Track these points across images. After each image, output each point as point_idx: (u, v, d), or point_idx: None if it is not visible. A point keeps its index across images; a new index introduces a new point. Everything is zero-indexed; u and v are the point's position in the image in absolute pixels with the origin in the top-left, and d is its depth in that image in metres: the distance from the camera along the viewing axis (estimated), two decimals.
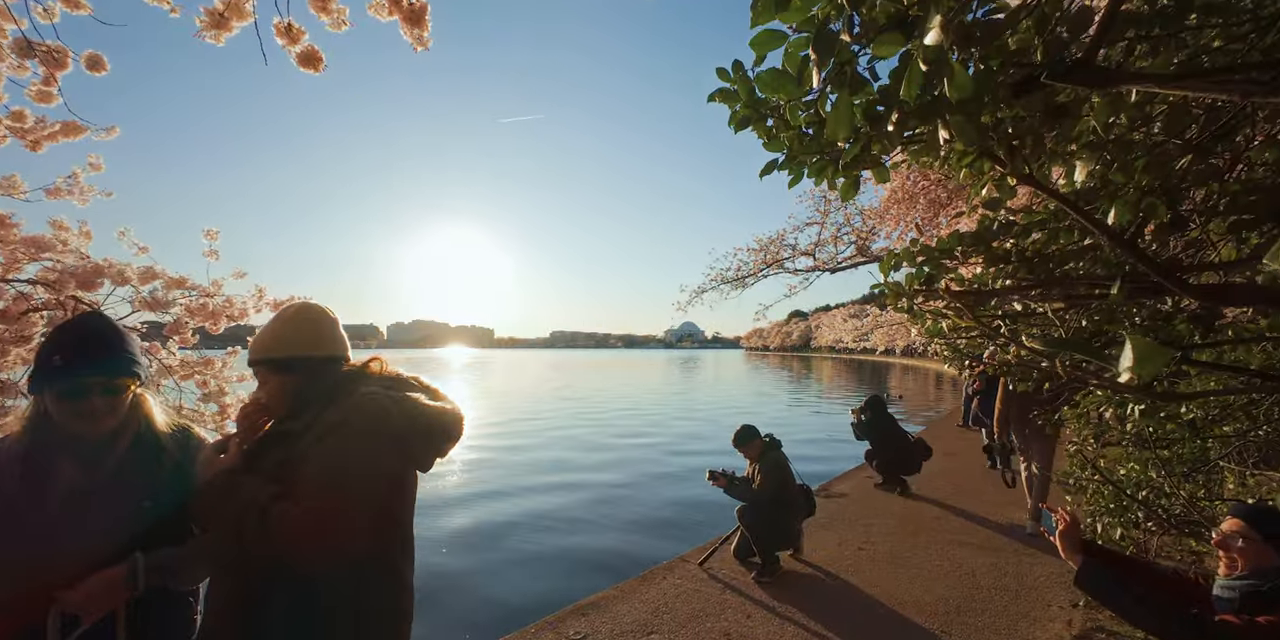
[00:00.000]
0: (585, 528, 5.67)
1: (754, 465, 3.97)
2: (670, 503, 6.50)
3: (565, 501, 6.62)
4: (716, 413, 16.19)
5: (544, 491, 7.09)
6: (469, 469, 8.65)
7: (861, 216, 8.72)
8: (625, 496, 6.80)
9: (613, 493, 6.97)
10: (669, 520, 5.85)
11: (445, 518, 6.10)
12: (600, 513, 6.18)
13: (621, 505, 6.44)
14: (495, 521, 5.96)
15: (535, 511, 6.24)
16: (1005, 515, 5.17)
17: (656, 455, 9.26)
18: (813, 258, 8.69)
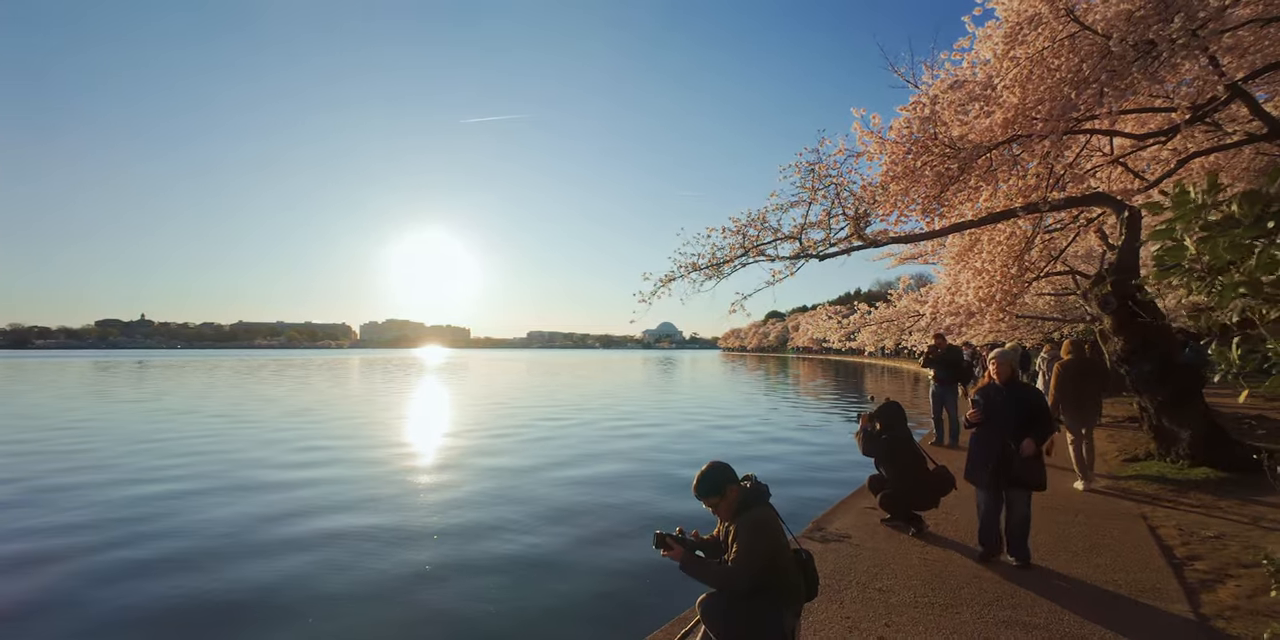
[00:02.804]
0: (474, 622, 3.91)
1: (727, 525, 2.62)
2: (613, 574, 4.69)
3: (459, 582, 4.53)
4: (690, 419, 14.86)
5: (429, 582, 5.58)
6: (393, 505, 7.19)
7: (853, 197, 7.47)
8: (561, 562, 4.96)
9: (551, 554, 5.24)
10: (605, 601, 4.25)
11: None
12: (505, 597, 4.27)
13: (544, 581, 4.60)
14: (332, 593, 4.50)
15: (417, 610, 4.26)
16: (1057, 563, 3.93)
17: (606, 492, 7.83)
18: (798, 242, 7.39)
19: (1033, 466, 3.82)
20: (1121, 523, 4.87)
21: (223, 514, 6.56)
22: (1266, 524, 4.76)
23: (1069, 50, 6.60)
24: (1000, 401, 3.86)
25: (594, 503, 6.84)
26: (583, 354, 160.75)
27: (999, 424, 3.84)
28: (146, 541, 5.60)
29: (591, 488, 7.51)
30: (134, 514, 6.60)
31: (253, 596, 4.33)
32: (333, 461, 9.47)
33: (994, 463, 3.83)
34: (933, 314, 9.00)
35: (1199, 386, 6.31)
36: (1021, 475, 3.81)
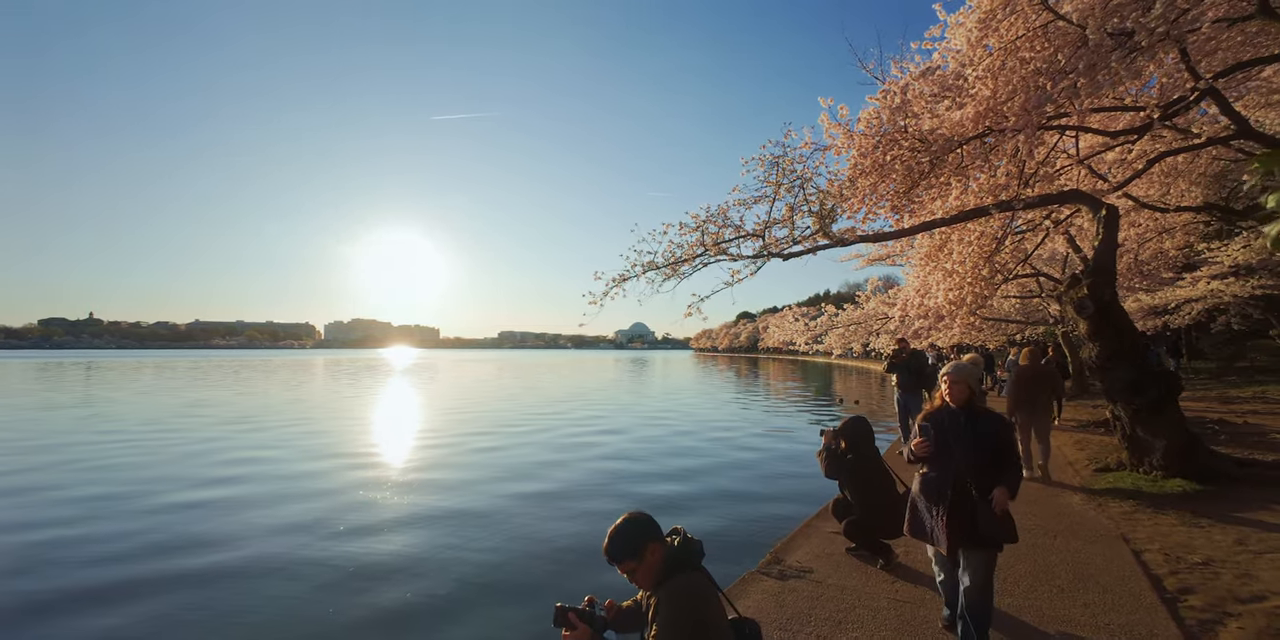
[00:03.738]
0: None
1: (648, 595, 2.03)
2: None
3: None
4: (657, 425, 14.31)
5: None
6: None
7: (819, 192, 7.00)
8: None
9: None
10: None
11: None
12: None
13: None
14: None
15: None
16: (1042, 601, 3.47)
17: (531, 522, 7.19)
18: (761, 240, 6.89)
19: (1004, 518, 2.87)
20: (1103, 547, 4.47)
21: (73, 553, 5.54)
22: (1253, 547, 4.41)
23: (1043, 40, 6.24)
24: (955, 430, 2.92)
25: (523, 543, 5.78)
26: (554, 354, 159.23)
27: (953, 461, 2.90)
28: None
29: (529, 516, 6.64)
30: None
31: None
32: (253, 478, 8.58)
33: (945, 513, 2.88)
34: (901, 316, 8.63)
35: (1176, 394, 6.02)
36: (984, 532, 2.81)
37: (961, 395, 2.98)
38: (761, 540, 5.20)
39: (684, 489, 7.88)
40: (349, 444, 11.64)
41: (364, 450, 10.99)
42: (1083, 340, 6.39)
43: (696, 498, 7.42)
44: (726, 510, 6.77)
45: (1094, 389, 16.27)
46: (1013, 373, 7.24)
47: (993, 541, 2.85)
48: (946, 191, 7.19)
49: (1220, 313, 17.55)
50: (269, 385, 29.04)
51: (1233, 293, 14.13)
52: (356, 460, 9.98)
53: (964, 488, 2.87)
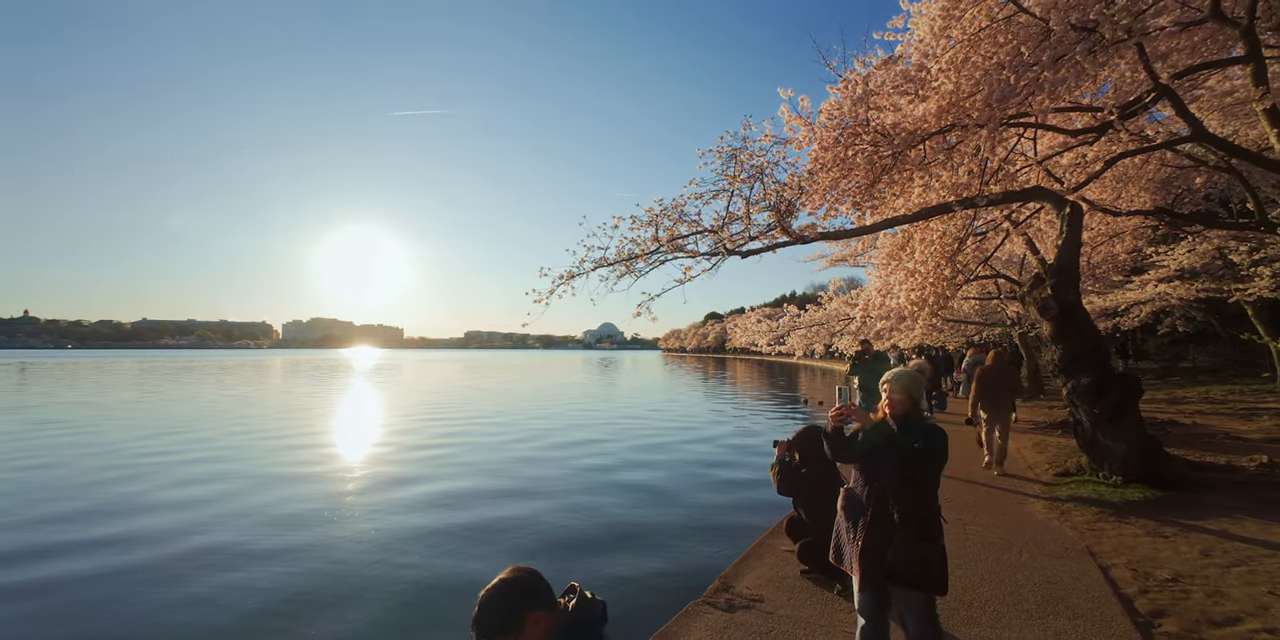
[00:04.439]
0: None
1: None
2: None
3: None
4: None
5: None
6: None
7: (779, 186, 6.67)
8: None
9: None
10: None
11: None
12: None
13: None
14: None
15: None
16: (1011, 631, 3.15)
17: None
18: (719, 236, 6.51)
19: (924, 555, 2.39)
20: (1070, 563, 4.22)
21: None
22: (1218, 559, 4.23)
23: (1007, 33, 6.04)
24: (885, 444, 2.53)
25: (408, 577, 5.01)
26: (521, 355, 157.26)
27: (880, 480, 2.50)
28: None
29: (430, 550, 5.65)
30: None
31: None
32: (90, 516, 6.91)
33: (862, 536, 2.47)
34: (863, 317, 8.41)
35: (1137, 398, 5.88)
36: (892, 565, 2.40)
37: (902, 406, 2.59)
38: (712, 564, 4.80)
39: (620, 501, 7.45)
40: (248, 460, 10.78)
41: (268, 464, 10.20)
42: (1045, 342, 6.20)
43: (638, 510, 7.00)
44: (675, 526, 6.37)
45: (1049, 389, 16.53)
46: (975, 373, 7.53)
47: (903, 580, 2.39)
48: (909, 189, 6.96)
49: (1166, 315, 18.07)
50: (207, 387, 27.45)
51: (1179, 295, 14.48)
52: (259, 473, 9.21)
53: (885, 508, 2.47)
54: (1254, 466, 6.75)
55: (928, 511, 2.46)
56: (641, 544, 5.80)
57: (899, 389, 2.59)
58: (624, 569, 5.13)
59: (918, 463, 2.44)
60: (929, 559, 2.40)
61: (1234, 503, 5.55)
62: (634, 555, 5.48)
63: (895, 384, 2.60)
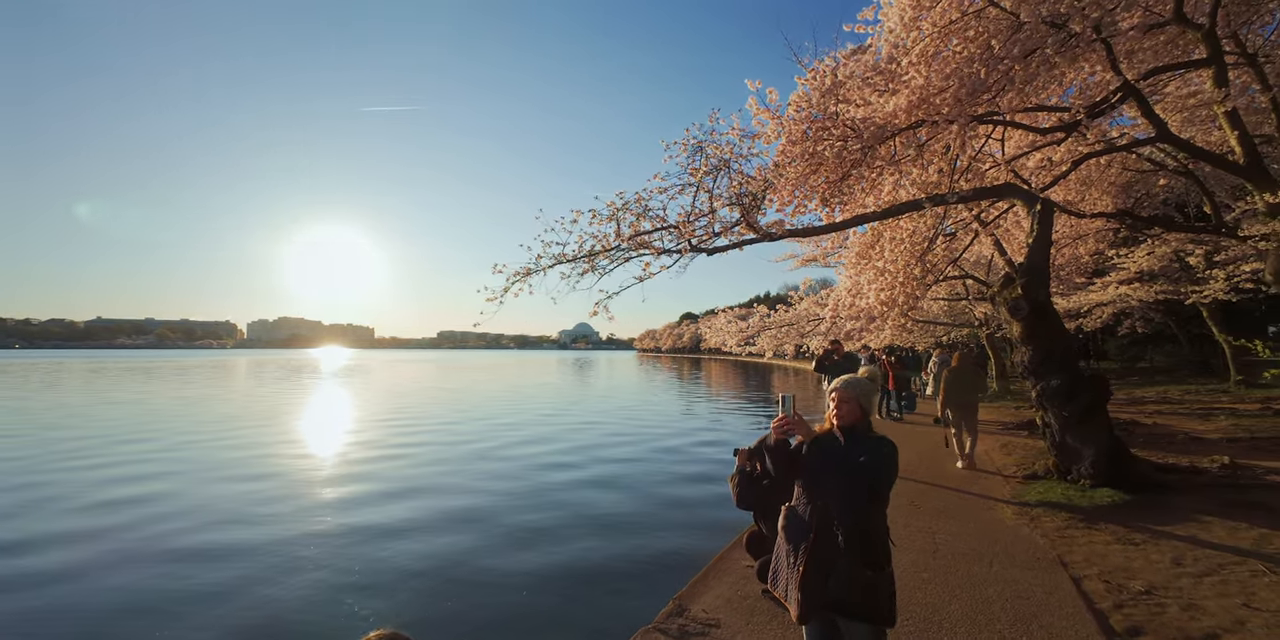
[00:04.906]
0: None
1: None
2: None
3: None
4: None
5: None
6: None
7: (746, 180, 6.41)
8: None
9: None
10: None
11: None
12: None
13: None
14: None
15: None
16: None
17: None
18: (684, 232, 6.22)
19: (870, 583, 2.12)
20: (1041, 574, 4.03)
21: None
22: (1190, 568, 4.10)
23: (978, 26, 5.89)
24: (832, 457, 2.23)
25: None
26: (495, 355, 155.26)
27: (824, 498, 2.21)
28: None
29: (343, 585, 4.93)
30: None
31: None
32: None
33: (803, 561, 2.20)
34: (833, 317, 8.24)
35: (1105, 400, 5.78)
36: (834, 594, 2.12)
37: (850, 416, 2.31)
38: (667, 581, 4.49)
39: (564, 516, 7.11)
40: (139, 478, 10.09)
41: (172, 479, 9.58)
42: (1015, 343, 6.07)
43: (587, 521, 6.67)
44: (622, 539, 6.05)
45: (1014, 390, 16.72)
46: (942, 374, 7.85)
47: (847, 611, 2.12)
48: (879, 185, 6.79)
49: (1126, 316, 18.48)
50: (151, 390, 26.18)
51: (1138, 297, 14.78)
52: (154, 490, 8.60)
53: (829, 529, 2.18)
54: (1216, 468, 6.75)
55: (876, 533, 2.19)
56: (594, 557, 5.48)
57: (848, 397, 2.32)
58: (571, 587, 4.80)
59: (865, 479, 2.16)
60: (876, 587, 2.14)
61: (1199, 505, 5.49)
62: (584, 570, 5.15)
63: (844, 391, 2.33)
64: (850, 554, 2.13)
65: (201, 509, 7.16)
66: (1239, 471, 6.61)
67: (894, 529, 5.00)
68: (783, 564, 2.31)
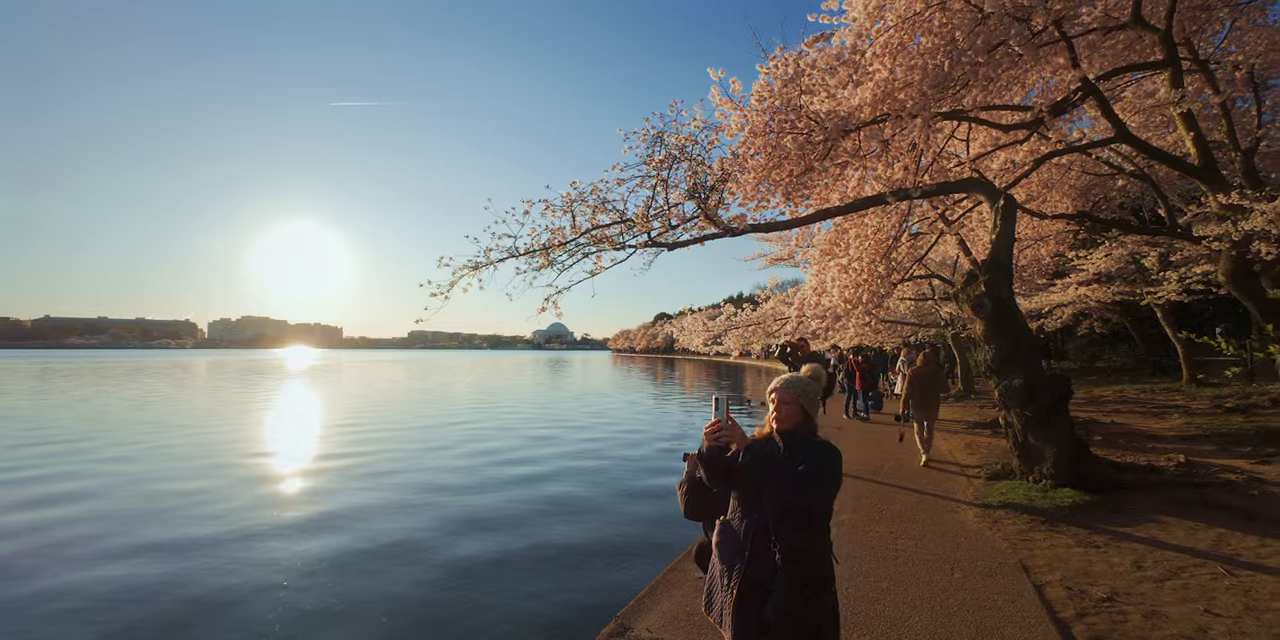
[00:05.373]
0: None
1: None
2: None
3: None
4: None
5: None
6: None
7: (708, 172, 6.18)
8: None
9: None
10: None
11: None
12: None
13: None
14: None
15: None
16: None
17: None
18: (642, 226, 5.95)
19: (809, 607, 1.89)
20: (1004, 582, 3.88)
21: None
22: (1151, 571, 4.00)
23: (942, 16, 5.77)
24: (770, 466, 1.97)
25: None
26: (467, 355, 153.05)
27: (761, 512, 1.97)
28: None
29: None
30: None
31: None
32: None
33: (737, 584, 1.96)
34: (798, 316, 8.09)
35: (1067, 400, 5.71)
36: (783, 625, 1.87)
37: (791, 418, 2.07)
38: (606, 604, 4.21)
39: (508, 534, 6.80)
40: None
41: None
42: (978, 342, 5.96)
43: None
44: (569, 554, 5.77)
45: (980, 389, 16.93)
46: (909, 372, 8.15)
47: (785, 638, 1.87)
48: (843, 180, 6.64)
49: (1085, 317, 18.90)
50: (86, 393, 24.86)
51: (1097, 298, 15.08)
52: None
53: (766, 546, 1.94)
54: (1173, 466, 6.78)
55: (817, 551, 1.95)
56: (539, 573, 5.17)
57: (788, 398, 2.08)
58: (512, 600, 4.49)
59: (805, 489, 1.92)
60: (815, 613, 1.90)
61: (1158, 506, 5.45)
62: (527, 586, 4.85)
63: (784, 392, 2.10)
64: (788, 575, 1.89)
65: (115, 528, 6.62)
66: (1194, 470, 6.64)
67: (856, 534, 4.85)
68: (717, 586, 2.07)
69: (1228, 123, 8.88)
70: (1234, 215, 6.98)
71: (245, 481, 8.61)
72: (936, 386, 7.99)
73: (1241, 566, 4.03)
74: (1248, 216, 6.50)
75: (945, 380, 8.64)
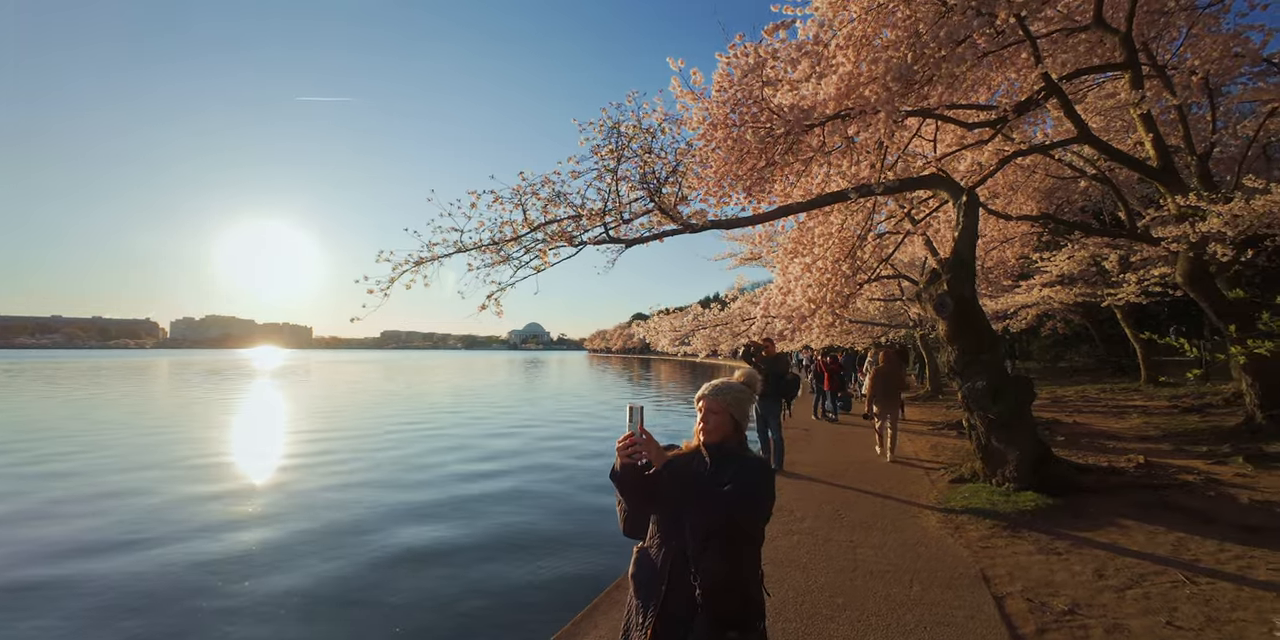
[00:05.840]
0: None
1: None
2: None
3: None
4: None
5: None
6: None
7: (651, 158, 5.91)
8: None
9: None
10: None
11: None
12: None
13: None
14: None
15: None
16: None
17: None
18: (599, 220, 5.66)
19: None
20: (963, 595, 3.70)
21: None
22: (1112, 580, 3.87)
23: (905, 8, 5.62)
24: (691, 486, 1.75)
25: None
26: (441, 355, 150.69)
27: (678, 538, 1.74)
28: None
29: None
30: None
31: None
32: None
33: (653, 618, 1.70)
34: (763, 316, 7.91)
35: (1029, 402, 5.61)
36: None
37: (720, 430, 1.82)
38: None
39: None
40: None
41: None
42: (941, 343, 5.83)
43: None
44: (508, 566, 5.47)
45: (947, 390, 17.07)
46: (871, 373, 8.45)
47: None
48: (808, 177, 6.47)
49: (1049, 318, 19.24)
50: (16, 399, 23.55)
51: (1060, 299, 15.32)
52: None
53: (685, 578, 1.69)
54: (1133, 467, 6.76)
55: (745, 583, 1.70)
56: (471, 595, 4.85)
57: (718, 407, 1.83)
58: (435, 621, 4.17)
59: (733, 512, 1.66)
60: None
61: (1119, 508, 5.38)
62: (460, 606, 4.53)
63: (713, 400, 1.84)
64: (709, 611, 1.63)
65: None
66: (1154, 471, 6.63)
67: (815, 543, 4.63)
68: (633, 622, 1.80)
69: (1184, 128, 9.01)
70: (1192, 216, 7.02)
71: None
72: (899, 384, 8.34)
73: (1201, 573, 3.93)
74: (1205, 218, 6.53)
75: (906, 379, 9.04)
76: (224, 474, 9.15)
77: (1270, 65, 8.89)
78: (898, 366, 8.68)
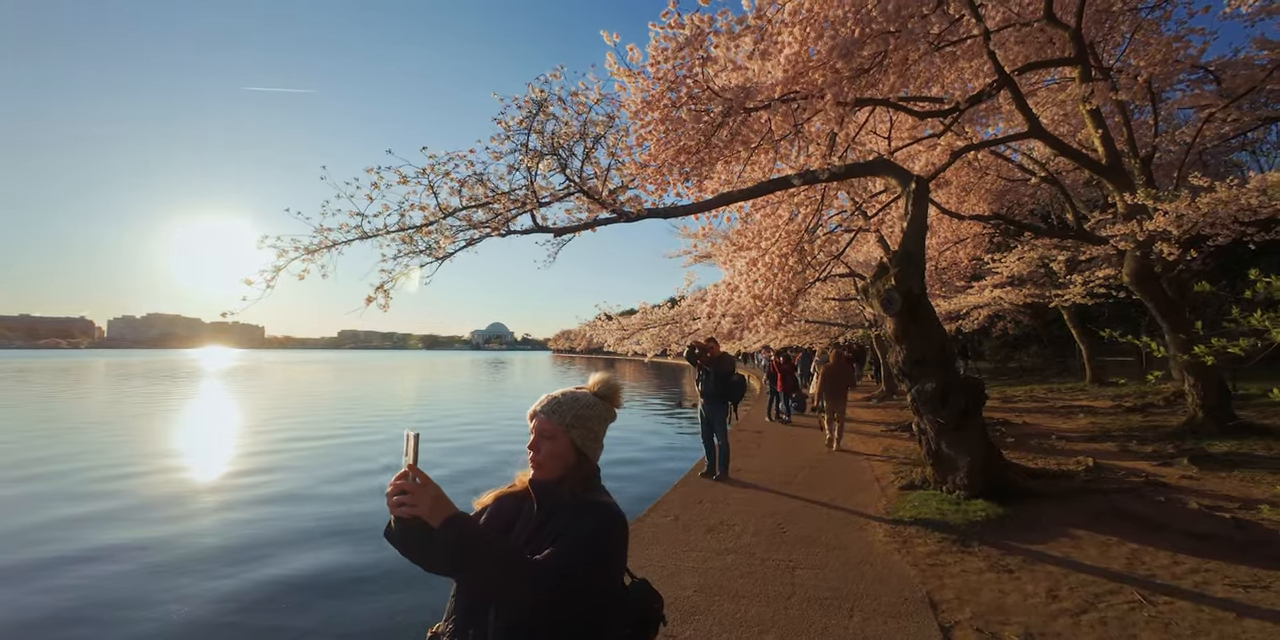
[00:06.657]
0: None
1: None
2: None
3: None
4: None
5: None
6: None
7: (565, 134, 5.36)
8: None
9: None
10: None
11: None
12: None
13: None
14: None
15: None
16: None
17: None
18: (504, 205, 5.08)
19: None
20: (908, 625, 3.29)
21: None
22: (1066, 602, 3.53)
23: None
24: (518, 532, 1.28)
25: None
26: (400, 356, 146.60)
27: (483, 615, 1.19)
28: None
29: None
30: None
31: None
32: None
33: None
34: (709, 314, 7.47)
35: (980, 406, 5.31)
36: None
37: (554, 462, 1.29)
38: None
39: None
40: None
41: None
42: (889, 342, 5.48)
43: None
44: None
45: (901, 390, 17.09)
46: (820, 370, 8.89)
47: None
48: (754, 166, 6.05)
49: (1000, 318, 19.52)
50: None
51: (1010, 300, 15.48)
52: None
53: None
54: (1082, 471, 6.59)
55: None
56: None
57: (551, 429, 1.30)
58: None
59: (550, 587, 1.11)
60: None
61: (1070, 517, 5.12)
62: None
63: (545, 419, 1.31)
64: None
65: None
66: (1103, 474, 6.46)
67: (752, 564, 4.14)
68: None
69: (1128, 131, 9.05)
70: (1139, 215, 6.93)
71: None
72: (845, 381, 8.91)
73: (1158, 590, 3.63)
74: (1152, 216, 6.42)
75: (853, 375, 10.09)
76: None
77: (1206, 72, 8.98)
78: (846, 366, 9.18)
